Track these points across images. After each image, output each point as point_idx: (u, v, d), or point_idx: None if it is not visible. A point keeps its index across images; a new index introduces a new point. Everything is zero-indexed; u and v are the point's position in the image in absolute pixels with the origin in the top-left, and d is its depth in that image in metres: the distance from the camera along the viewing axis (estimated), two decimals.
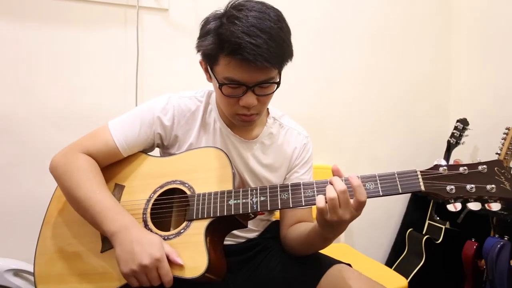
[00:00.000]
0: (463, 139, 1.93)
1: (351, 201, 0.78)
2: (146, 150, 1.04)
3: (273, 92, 0.94)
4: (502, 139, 1.68)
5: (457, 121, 1.96)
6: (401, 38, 2.12)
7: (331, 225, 0.80)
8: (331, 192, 0.78)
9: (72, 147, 0.98)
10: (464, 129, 1.93)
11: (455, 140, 1.92)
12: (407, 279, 1.61)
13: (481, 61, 2.08)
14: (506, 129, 1.69)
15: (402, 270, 1.85)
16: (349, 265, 1.01)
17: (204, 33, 0.90)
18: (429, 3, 2.17)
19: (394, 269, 1.89)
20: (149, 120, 1.00)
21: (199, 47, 0.92)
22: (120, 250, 0.82)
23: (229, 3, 0.90)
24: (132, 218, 0.87)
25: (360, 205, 0.78)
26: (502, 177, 0.76)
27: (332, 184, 0.80)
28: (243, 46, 0.81)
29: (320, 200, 0.79)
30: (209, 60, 0.91)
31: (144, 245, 0.80)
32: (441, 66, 2.23)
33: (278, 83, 0.92)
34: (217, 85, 0.89)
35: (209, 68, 0.92)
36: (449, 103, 2.25)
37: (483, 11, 2.07)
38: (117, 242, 0.83)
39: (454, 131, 1.94)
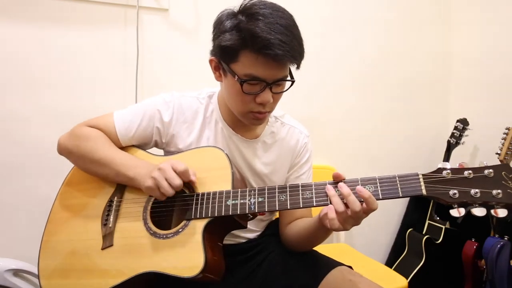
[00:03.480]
0: (463, 139, 1.93)
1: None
2: (145, 147, 1.05)
3: (286, 90, 0.95)
4: (502, 139, 1.68)
5: (457, 121, 1.96)
6: (401, 38, 2.12)
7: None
8: (340, 207, 0.80)
9: (76, 125, 1.05)
10: (464, 129, 1.93)
11: (455, 140, 1.93)
12: (407, 279, 1.61)
13: (481, 61, 2.08)
14: (506, 129, 1.69)
15: (402, 270, 1.85)
16: (350, 267, 1.01)
17: (222, 30, 0.89)
18: (430, 3, 2.17)
19: (394, 269, 1.90)
20: (150, 113, 1.01)
21: (219, 42, 0.90)
22: (139, 178, 0.90)
23: (243, 2, 0.90)
24: (147, 162, 0.95)
25: (370, 211, 0.80)
26: (509, 182, 0.72)
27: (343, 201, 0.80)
28: (272, 42, 0.82)
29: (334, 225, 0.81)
30: (227, 57, 0.89)
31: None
32: (441, 66, 2.23)
33: (293, 81, 0.93)
34: (238, 81, 0.88)
35: (225, 66, 0.91)
36: (449, 103, 2.25)
37: (483, 11, 2.07)
38: (138, 177, 0.91)
39: (454, 131, 1.94)
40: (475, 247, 1.74)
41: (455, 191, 0.74)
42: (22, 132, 1.51)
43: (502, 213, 0.74)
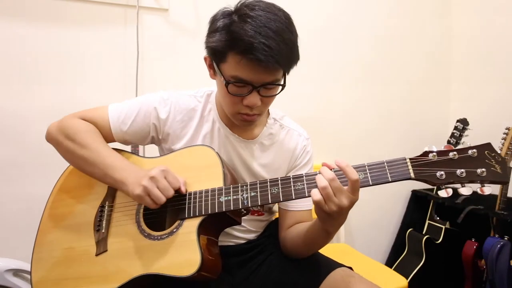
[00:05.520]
0: (463, 139, 1.92)
1: (345, 188, 0.78)
2: (142, 142, 1.04)
3: (277, 94, 0.94)
4: (502, 139, 1.68)
5: (457, 121, 1.95)
6: (401, 38, 2.12)
7: (332, 215, 0.80)
8: (321, 181, 0.78)
9: (68, 115, 1.01)
10: (464, 129, 1.93)
11: (455, 140, 1.92)
12: (407, 279, 1.61)
13: (481, 61, 2.08)
14: (506, 129, 1.69)
15: (402, 270, 1.85)
16: (350, 268, 1.01)
17: (213, 29, 0.89)
18: (429, 4, 2.17)
19: (394, 269, 1.89)
20: (146, 109, 1.00)
21: (207, 43, 0.91)
22: (128, 183, 0.87)
23: (239, 1, 0.90)
24: (136, 166, 0.92)
25: (354, 185, 0.77)
26: (492, 160, 0.75)
27: (321, 174, 0.79)
28: (255, 46, 0.81)
29: (315, 193, 0.78)
30: (217, 57, 0.89)
31: (147, 170, 0.87)
32: (441, 66, 2.23)
33: (283, 86, 0.92)
34: (223, 82, 0.89)
35: (215, 65, 0.92)
36: (449, 103, 2.25)
37: (483, 11, 2.07)
38: (126, 182, 0.87)
39: (454, 131, 1.93)
40: (475, 247, 1.74)
41: (442, 172, 0.76)
42: (22, 132, 1.51)
43: (487, 190, 0.77)
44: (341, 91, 2.02)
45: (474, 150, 0.76)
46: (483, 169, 0.74)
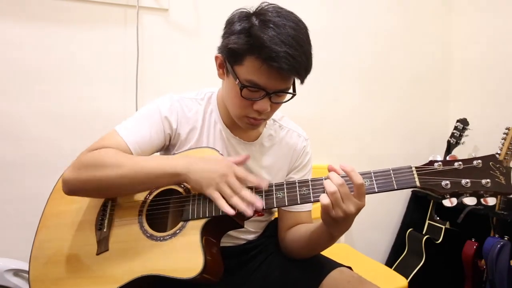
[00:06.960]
0: (463, 139, 1.93)
1: (352, 193, 0.78)
2: (158, 152, 1.03)
3: (286, 102, 0.94)
4: (502, 139, 1.68)
5: (457, 121, 1.96)
6: (401, 38, 2.12)
7: (337, 221, 0.80)
8: (330, 186, 0.78)
9: (79, 156, 0.92)
10: (464, 129, 1.93)
11: (455, 140, 1.93)
12: (407, 279, 1.61)
13: (481, 61, 2.08)
14: (506, 129, 1.69)
15: (402, 270, 1.85)
16: (350, 268, 1.01)
17: (232, 31, 0.87)
18: (430, 4, 2.17)
19: (394, 269, 1.89)
20: (157, 122, 0.97)
21: (224, 43, 0.89)
22: (196, 180, 0.85)
23: (260, 4, 0.89)
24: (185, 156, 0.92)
25: (359, 190, 0.78)
26: (497, 171, 0.76)
27: (329, 179, 0.80)
28: (281, 55, 0.80)
29: (324, 197, 0.79)
30: (232, 58, 0.88)
31: (214, 162, 0.86)
32: (441, 66, 2.23)
33: (294, 94, 0.92)
34: (238, 85, 0.87)
35: (228, 66, 0.90)
36: (449, 103, 2.25)
37: (483, 9, 2.07)
38: (189, 177, 0.85)
39: (454, 131, 1.94)
40: (475, 247, 1.74)
41: (447, 181, 0.77)
42: (21, 132, 1.51)
43: (491, 201, 0.78)
44: (341, 92, 2.02)
45: (479, 160, 0.77)
46: (488, 180, 0.75)
